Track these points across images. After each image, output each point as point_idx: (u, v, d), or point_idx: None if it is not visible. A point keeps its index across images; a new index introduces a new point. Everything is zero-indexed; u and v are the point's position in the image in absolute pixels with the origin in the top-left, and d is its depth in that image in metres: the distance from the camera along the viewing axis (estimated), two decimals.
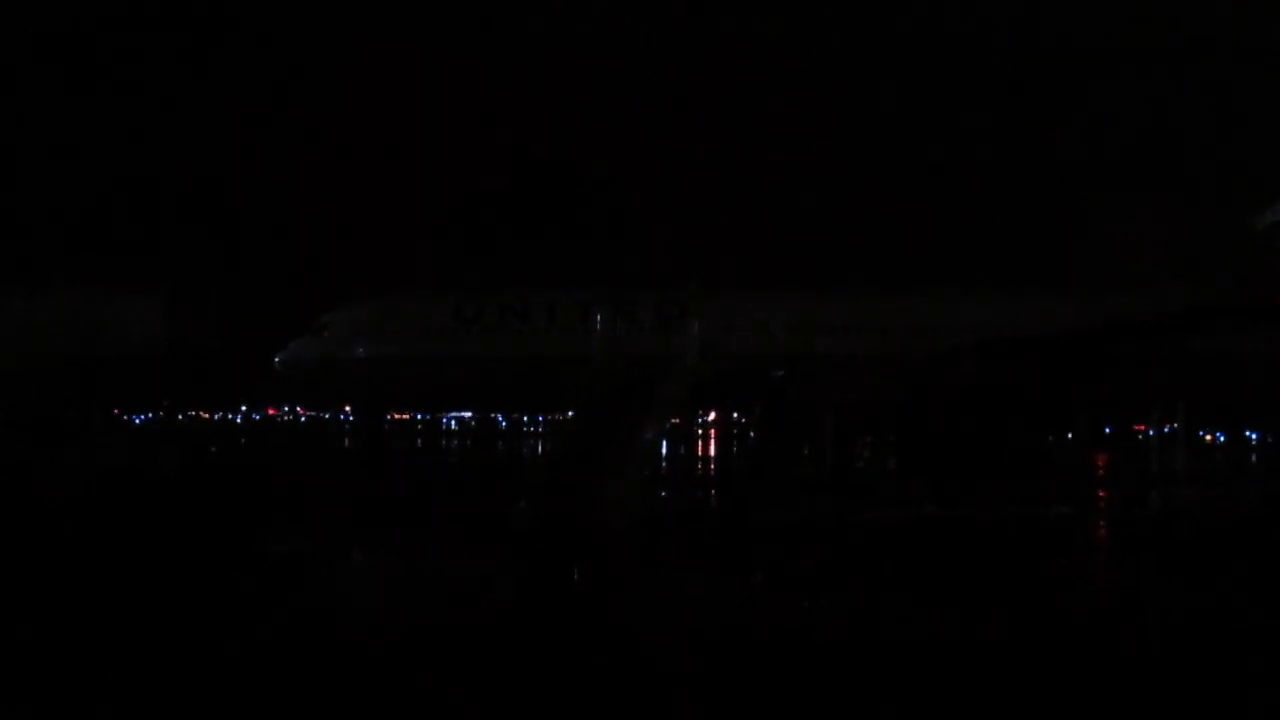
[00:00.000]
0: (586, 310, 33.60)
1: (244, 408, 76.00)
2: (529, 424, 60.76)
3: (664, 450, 22.33)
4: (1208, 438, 51.50)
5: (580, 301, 35.50)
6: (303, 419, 74.33)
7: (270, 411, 76.40)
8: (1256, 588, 11.68)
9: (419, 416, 63.44)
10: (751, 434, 45.55)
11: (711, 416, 51.55)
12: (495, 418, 64.70)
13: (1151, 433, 43.19)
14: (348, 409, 52.16)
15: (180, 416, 65.15)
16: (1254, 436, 53.02)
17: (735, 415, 50.79)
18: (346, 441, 48.37)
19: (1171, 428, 34.17)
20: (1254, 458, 41.24)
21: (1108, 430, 46.23)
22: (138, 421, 61.30)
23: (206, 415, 73.87)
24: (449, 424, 68.00)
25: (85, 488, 21.77)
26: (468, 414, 63.30)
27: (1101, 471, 30.12)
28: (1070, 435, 43.15)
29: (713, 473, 30.37)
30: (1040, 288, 39.01)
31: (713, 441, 48.51)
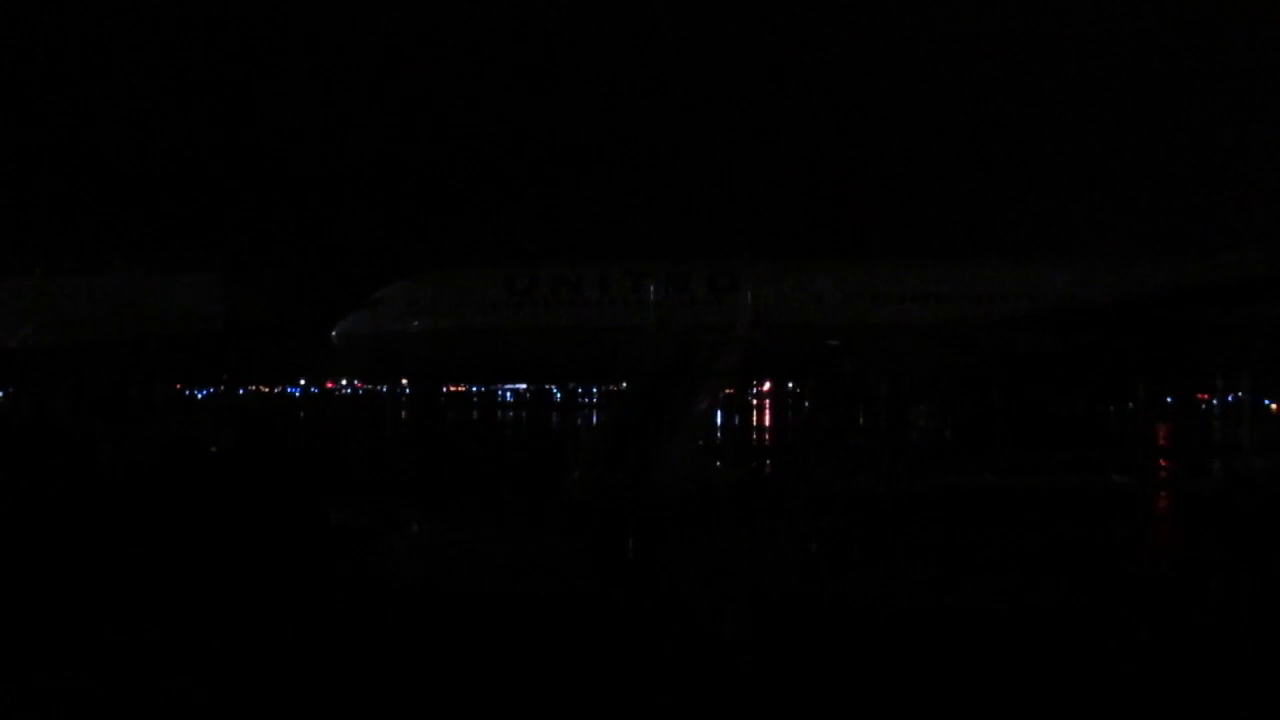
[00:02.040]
0: (639, 281, 33.61)
1: (302, 381, 76.91)
2: (583, 395, 60.91)
3: (718, 420, 22.25)
4: (1273, 406, 50.46)
5: (633, 273, 35.47)
6: (360, 392, 75.09)
7: (328, 385, 77.27)
8: None
9: (474, 389, 63.84)
10: (806, 404, 45.33)
11: (766, 387, 51.37)
12: (550, 389, 64.93)
13: (1215, 401, 42.40)
14: (404, 382, 52.68)
15: (240, 391, 66.10)
16: None
17: (790, 385, 50.58)
18: (403, 414, 48.80)
19: (1235, 396, 33.38)
20: None
21: (1170, 399, 45.44)
22: (200, 397, 62.31)
23: (265, 390, 74.84)
24: (504, 396, 68.36)
25: (152, 462, 22.16)
26: (522, 385, 63.56)
27: (1163, 441, 29.61)
28: (1131, 404, 42.46)
29: (767, 443, 30.28)
30: (1102, 253, 38.38)
31: (767, 412, 48.34)
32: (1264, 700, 6.56)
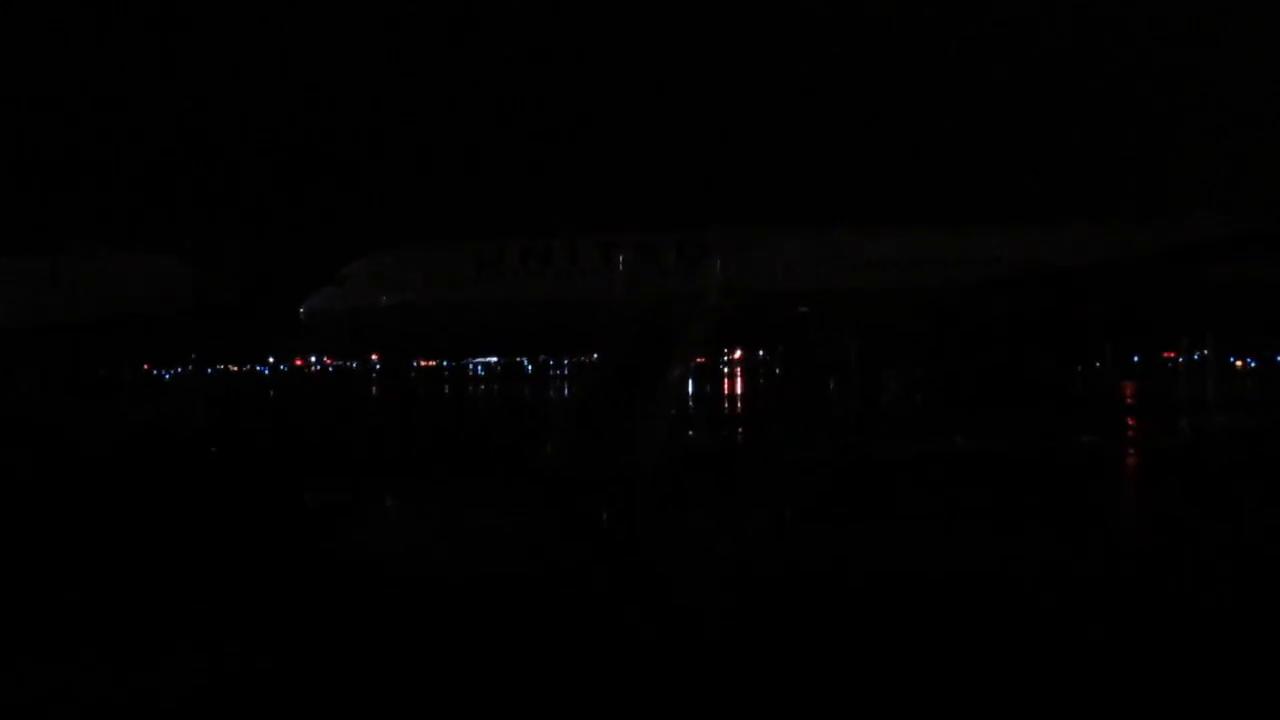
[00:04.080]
0: (608, 252, 33.55)
1: (271, 360, 76.53)
2: (554, 367, 60.87)
3: (690, 389, 22.32)
4: (1238, 364, 51.09)
5: (602, 244, 35.41)
6: (330, 369, 74.78)
7: (298, 363, 76.88)
8: None
9: (444, 363, 63.64)
10: (776, 371, 45.50)
11: (737, 354, 51.53)
12: (520, 361, 64.91)
13: (1181, 360, 42.94)
14: (374, 357, 52.46)
15: (209, 370, 65.64)
16: None
17: (760, 353, 50.75)
18: (374, 390, 48.61)
19: (1201, 354, 33.82)
20: None
21: (1136, 358, 45.91)
22: (167, 377, 61.86)
23: (235, 369, 74.39)
24: (475, 369, 68.21)
25: (123, 443, 21.97)
26: (493, 358, 63.47)
27: (1131, 400, 29.94)
28: (1098, 364, 42.89)
29: (739, 410, 30.37)
30: (1068, 219, 38.60)
31: (738, 379, 48.46)
32: (1235, 646, 6.67)
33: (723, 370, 49.37)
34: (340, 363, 70.61)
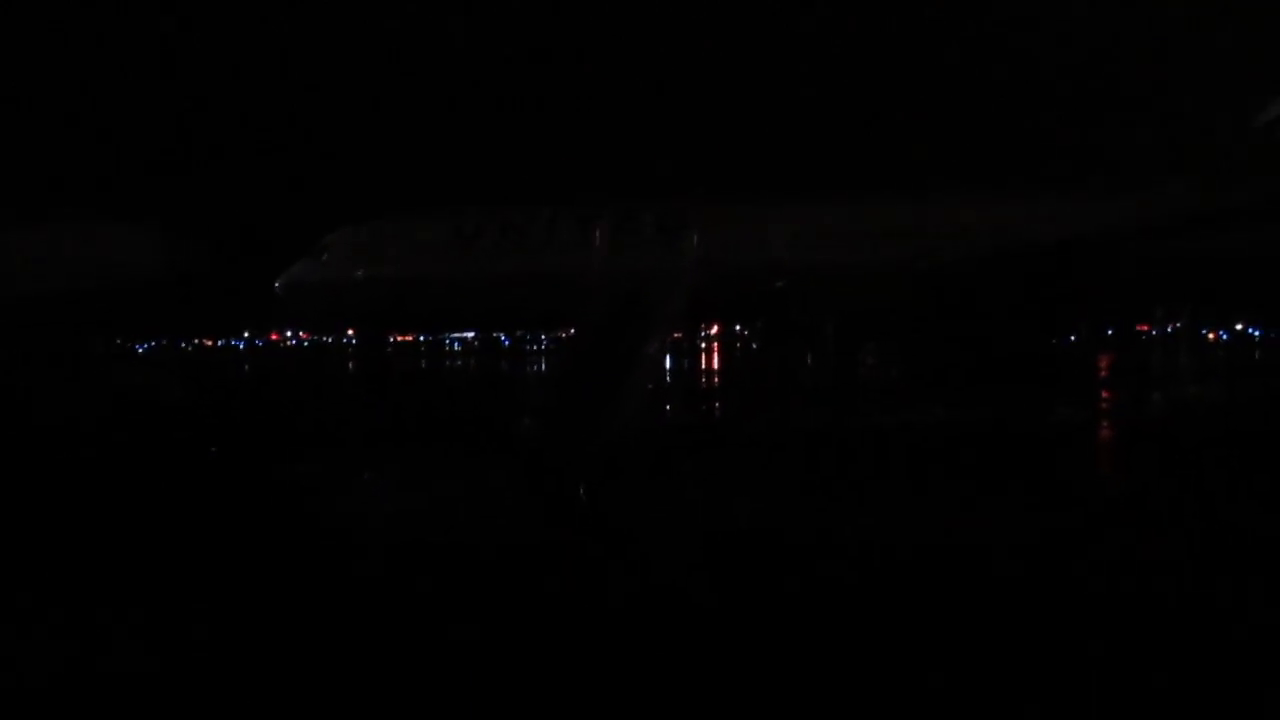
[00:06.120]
0: (587, 225, 33.41)
1: (246, 333, 76.06)
2: (532, 342, 60.86)
3: (667, 364, 22.33)
4: (1210, 335, 51.59)
5: (581, 217, 35.26)
6: (305, 343, 74.42)
7: (273, 336, 76.49)
8: (1262, 485, 11.68)
9: (421, 337, 63.49)
10: (754, 345, 45.56)
11: (714, 329, 51.56)
12: (498, 336, 64.84)
13: (1155, 332, 43.29)
14: (350, 332, 52.24)
15: (183, 344, 65.25)
16: (1258, 333, 53.09)
17: (738, 327, 50.78)
18: (350, 364, 48.39)
19: (1175, 327, 34.11)
20: (1257, 354, 41.21)
21: (1110, 331, 46.28)
22: (141, 350, 61.46)
23: (209, 342, 73.99)
24: (452, 344, 68.07)
25: (97, 415, 21.80)
26: (470, 333, 63.39)
27: (1106, 372, 30.14)
28: (1073, 337, 43.20)
29: (716, 385, 30.39)
30: (1044, 189, 38.62)
31: (715, 354, 48.50)
32: (1205, 616, 6.70)
33: (700, 345, 49.39)
34: (316, 337, 70.28)
